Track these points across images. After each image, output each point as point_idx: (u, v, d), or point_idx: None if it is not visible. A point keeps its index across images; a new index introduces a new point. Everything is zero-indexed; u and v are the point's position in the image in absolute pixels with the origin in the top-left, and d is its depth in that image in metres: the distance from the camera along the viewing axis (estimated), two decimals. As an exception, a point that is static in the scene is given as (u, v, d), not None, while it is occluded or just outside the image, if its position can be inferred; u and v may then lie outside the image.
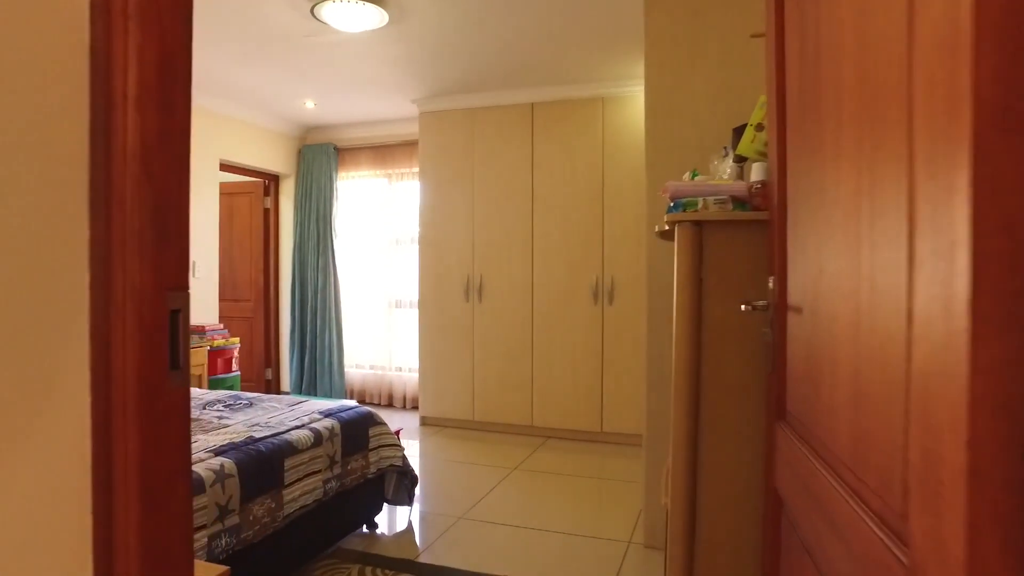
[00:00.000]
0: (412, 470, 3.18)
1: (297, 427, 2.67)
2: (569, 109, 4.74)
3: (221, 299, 6.04)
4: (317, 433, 2.66)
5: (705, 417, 1.56)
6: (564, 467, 4.12)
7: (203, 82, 4.62)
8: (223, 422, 2.74)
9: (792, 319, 1.21)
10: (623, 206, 4.59)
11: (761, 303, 1.33)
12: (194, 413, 2.91)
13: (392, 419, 5.37)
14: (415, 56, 4.17)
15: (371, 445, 3.00)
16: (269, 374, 6.16)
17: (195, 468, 2.11)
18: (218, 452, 2.28)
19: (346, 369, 6.06)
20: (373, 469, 2.99)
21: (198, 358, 4.44)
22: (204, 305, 5.10)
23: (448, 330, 5.08)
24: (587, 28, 3.70)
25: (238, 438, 2.46)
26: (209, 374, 4.59)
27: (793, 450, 1.19)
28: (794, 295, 1.21)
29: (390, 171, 5.93)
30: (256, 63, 4.26)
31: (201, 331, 4.65)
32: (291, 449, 2.49)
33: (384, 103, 5.24)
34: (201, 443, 2.39)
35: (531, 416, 4.84)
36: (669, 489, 1.67)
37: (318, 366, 5.94)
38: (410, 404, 5.84)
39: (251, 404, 3.10)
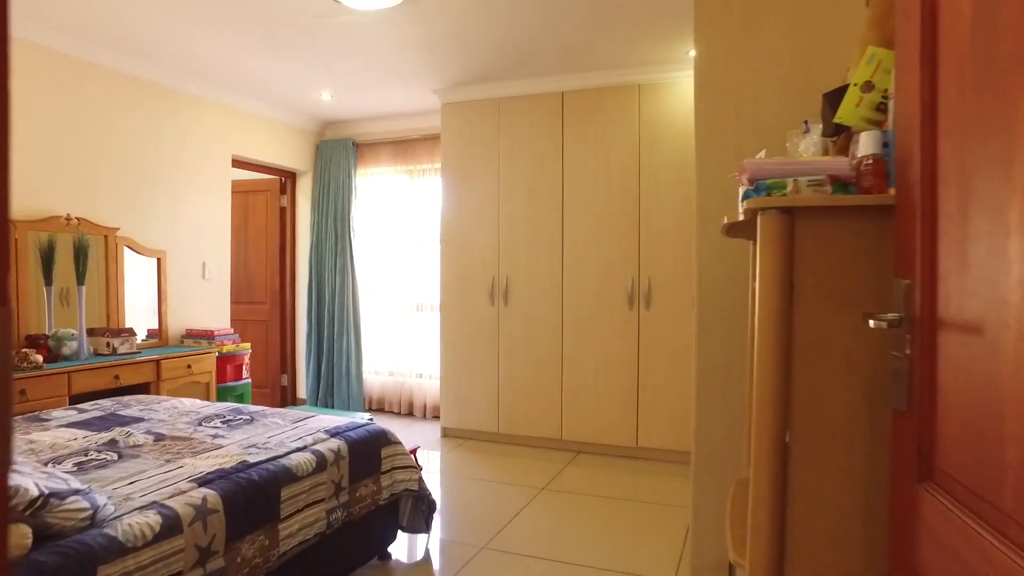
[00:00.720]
0: (429, 494, 2.85)
1: (298, 449, 2.35)
2: (602, 97, 4.38)
3: (235, 302, 5.79)
4: (320, 457, 2.34)
5: (796, 463, 1.20)
6: (596, 486, 3.76)
7: (210, 72, 4.36)
8: (217, 442, 2.44)
9: (951, 340, 0.85)
10: (661, 202, 4.22)
11: (892, 316, 0.97)
12: (188, 431, 2.61)
13: (412, 430, 5.08)
14: (435, 40, 3.85)
15: (384, 467, 2.68)
16: (285, 380, 5.89)
17: (171, 503, 1.80)
18: (203, 482, 1.97)
19: (364, 376, 5.76)
20: (386, 494, 2.67)
21: (205, 365, 4.17)
22: (214, 308, 4.84)
23: (471, 336, 4.75)
24: (623, 7, 3.34)
25: (229, 463, 2.15)
26: (218, 382, 4.32)
27: (953, 527, 0.83)
28: (954, 307, 0.84)
29: (411, 167, 5.62)
30: (266, 50, 3.98)
31: (210, 336, 4.38)
32: (289, 476, 2.17)
33: (404, 94, 4.93)
34: (186, 470, 2.09)
35: (560, 429, 4.49)
36: (747, 550, 1.31)
37: (335, 372, 5.65)
38: (431, 414, 5.52)
39: (251, 420, 2.79)
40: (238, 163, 5.17)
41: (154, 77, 4.27)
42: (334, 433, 2.57)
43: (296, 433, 2.57)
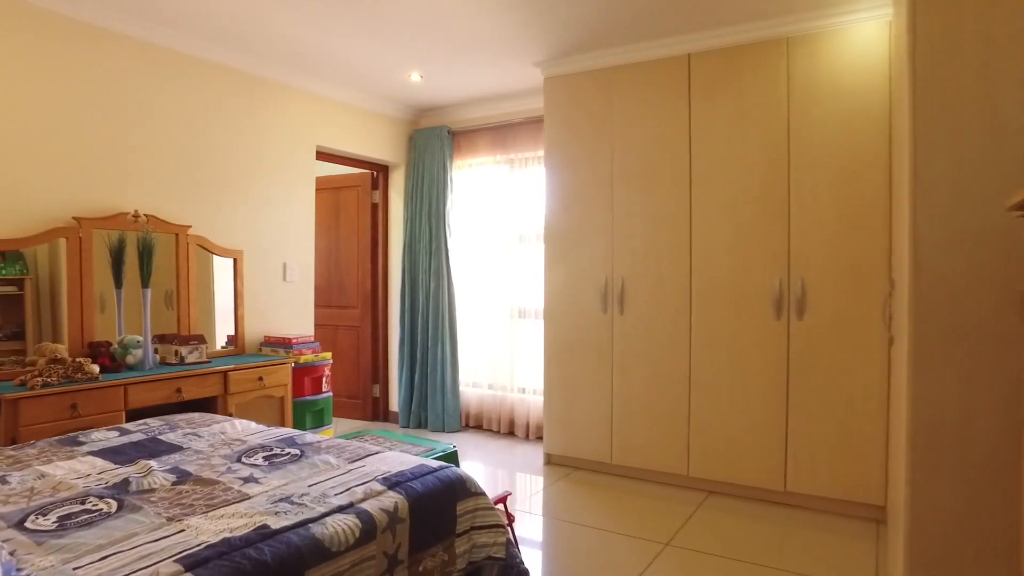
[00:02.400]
0: (520, 562, 2.17)
1: (340, 509, 1.75)
2: (739, 57, 3.54)
3: (326, 306, 5.43)
4: (368, 520, 1.73)
5: None
6: (737, 544, 2.94)
7: (287, 53, 3.92)
8: (245, 489, 1.90)
9: None
10: (817, 184, 3.33)
11: None
12: (220, 469, 2.10)
13: (513, 453, 4.44)
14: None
15: (460, 528, 2.04)
16: (377, 391, 5.45)
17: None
18: (191, 563, 1.40)
19: (461, 389, 5.20)
20: (462, 564, 2.03)
21: (280, 377, 3.73)
22: (297, 313, 4.43)
23: (580, 347, 4.05)
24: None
25: (242, 530, 1.58)
26: (294, 395, 3.88)
27: None
28: None
29: (512, 155, 5.00)
30: (346, 23, 3.48)
31: (286, 344, 3.95)
32: (319, 553, 1.57)
33: (501, 70, 4.31)
34: (181, 539, 1.53)
35: (687, 463, 3.69)
36: None
37: (429, 384, 5.12)
38: (535, 434, 4.87)
39: (300, 456, 2.24)
40: (324, 156, 4.76)
41: (226, 61, 3.89)
42: (394, 483, 1.96)
43: (347, 480, 1.99)
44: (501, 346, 5.06)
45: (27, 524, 1.65)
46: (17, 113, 3.04)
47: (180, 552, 1.46)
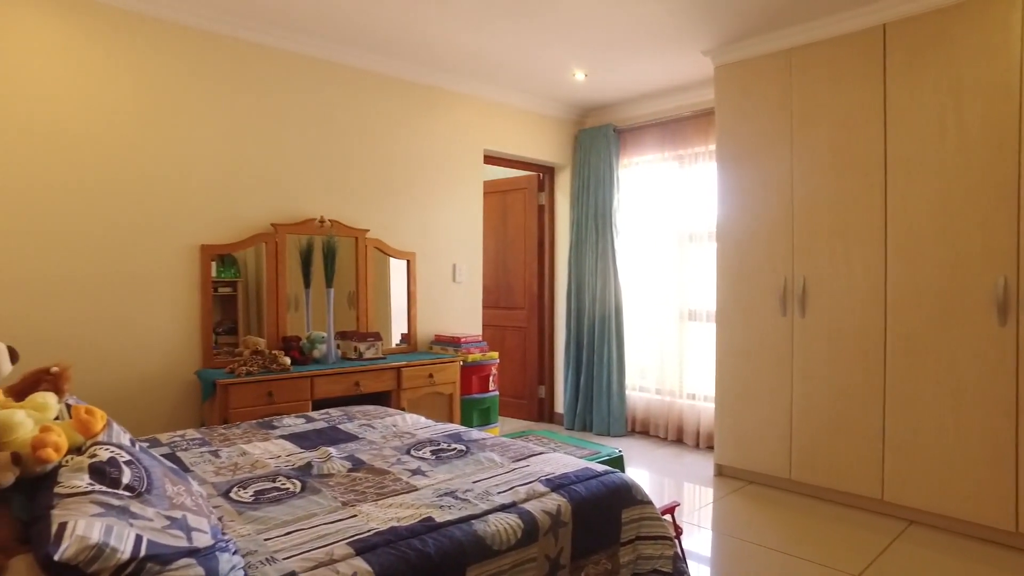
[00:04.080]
0: (689, 578, 2.03)
1: (503, 507, 1.74)
2: (952, 19, 3.08)
3: (494, 307, 5.56)
4: (530, 521, 1.70)
5: None
6: (949, 586, 2.55)
7: (453, 60, 4.05)
8: (413, 481, 1.95)
9: None
10: (1055, 164, 2.80)
11: None
12: (391, 460, 2.19)
13: (681, 462, 4.22)
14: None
15: (624, 537, 1.95)
16: (542, 392, 5.47)
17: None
18: (362, 548, 1.45)
19: (627, 393, 5.07)
20: (626, 575, 1.93)
21: (449, 375, 3.86)
22: (465, 313, 4.57)
23: (756, 353, 3.76)
24: None
25: (408, 520, 1.62)
26: (462, 393, 3.99)
27: None
28: None
29: (681, 152, 4.79)
30: (508, 23, 3.52)
31: (455, 343, 4.08)
32: (480, 550, 1.56)
33: (668, 62, 4.14)
34: (354, 524, 1.60)
35: (881, 486, 3.28)
36: None
37: (595, 387, 5.05)
38: (704, 443, 4.61)
39: (465, 452, 2.27)
40: (491, 159, 4.88)
41: (398, 73, 4.11)
42: (557, 485, 1.91)
43: (510, 479, 1.98)
44: (669, 350, 4.86)
45: (231, 495, 1.83)
46: (232, 136, 3.43)
47: (352, 536, 1.52)
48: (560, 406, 5.38)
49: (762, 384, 3.73)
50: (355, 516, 1.66)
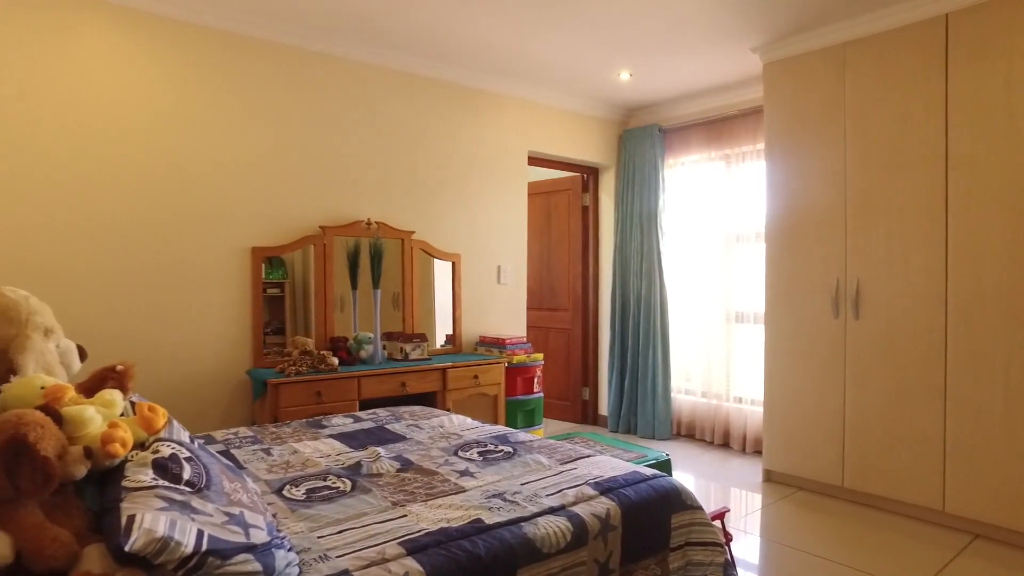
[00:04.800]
0: (741, 587, 1.99)
1: (552, 510, 1.73)
2: (1021, 8, 2.96)
3: (538, 308, 5.55)
4: (580, 525, 1.68)
5: None
6: (1017, 601, 2.44)
7: (498, 61, 4.05)
8: (461, 483, 1.96)
9: None
10: None
11: None
12: (439, 460, 2.20)
13: (728, 467, 4.14)
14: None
15: (674, 542, 1.92)
16: (586, 394, 5.44)
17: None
18: (413, 549, 1.46)
19: (673, 395, 5.00)
20: (675, 581, 1.90)
21: (494, 376, 3.87)
22: (510, 315, 4.58)
23: (807, 355, 3.67)
24: None
25: (458, 521, 1.63)
26: (507, 394, 4.00)
27: None
28: None
29: (727, 151, 4.71)
30: (549, 25, 3.52)
31: (500, 344, 4.09)
32: (530, 553, 1.56)
33: (714, 61, 4.07)
34: (404, 524, 1.61)
35: (942, 496, 3.16)
36: None
37: (639, 389, 5.00)
38: (751, 447, 4.52)
39: (513, 454, 2.27)
40: (535, 160, 4.87)
41: (443, 76, 4.14)
42: (606, 488, 1.89)
43: (558, 482, 1.97)
44: (716, 352, 4.78)
45: (284, 492, 1.87)
46: (282, 141, 3.50)
47: (403, 536, 1.53)
48: (604, 408, 5.34)
49: (813, 387, 3.63)
50: (405, 516, 1.67)
